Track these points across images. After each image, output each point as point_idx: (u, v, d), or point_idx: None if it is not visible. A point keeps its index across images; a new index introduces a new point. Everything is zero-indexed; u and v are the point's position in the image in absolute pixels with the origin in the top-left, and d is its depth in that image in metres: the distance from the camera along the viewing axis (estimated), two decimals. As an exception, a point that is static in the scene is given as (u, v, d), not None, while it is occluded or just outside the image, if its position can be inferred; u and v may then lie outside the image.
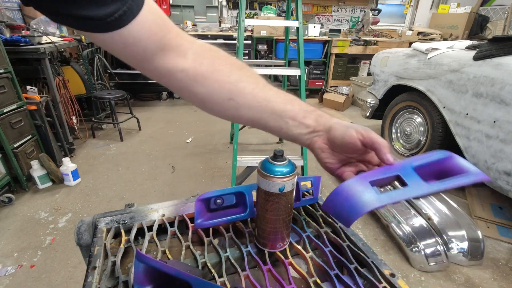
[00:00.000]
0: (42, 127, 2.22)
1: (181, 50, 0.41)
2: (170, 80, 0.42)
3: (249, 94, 0.44)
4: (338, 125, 0.44)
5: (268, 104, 0.44)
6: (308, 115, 0.45)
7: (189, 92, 0.44)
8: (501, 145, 1.63)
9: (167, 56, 0.40)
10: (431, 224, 1.62)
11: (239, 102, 0.44)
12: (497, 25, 4.55)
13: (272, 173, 0.48)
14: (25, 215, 1.88)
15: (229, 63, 0.44)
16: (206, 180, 2.32)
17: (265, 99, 0.44)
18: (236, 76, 0.44)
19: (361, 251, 0.54)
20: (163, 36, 0.38)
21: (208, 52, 0.44)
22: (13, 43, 2.11)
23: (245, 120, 0.46)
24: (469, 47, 1.99)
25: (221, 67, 0.43)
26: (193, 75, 0.42)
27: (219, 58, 0.44)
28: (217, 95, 0.43)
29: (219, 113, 0.46)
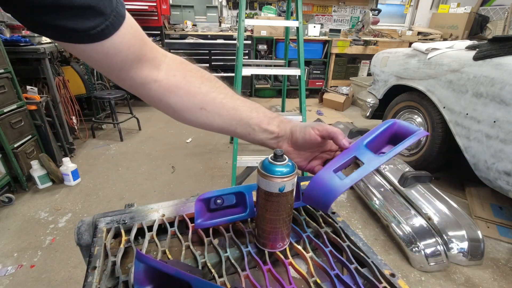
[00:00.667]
0: (42, 127, 2.22)
1: (156, 62, 0.44)
2: (144, 90, 0.45)
3: (219, 103, 0.48)
4: (297, 128, 0.50)
5: (236, 113, 0.49)
6: (272, 121, 0.51)
7: (163, 102, 0.46)
8: (501, 145, 1.63)
9: (143, 67, 0.42)
10: (431, 224, 1.62)
11: (210, 111, 0.48)
12: (497, 25, 4.56)
13: (272, 173, 0.48)
14: (25, 215, 1.88)
15: (199, 75, 0.48)
16: (206, 180, 2.32)
17: (233, 108, 0.49)
18: (207, 87, 0.47)
19: (361, 251, 0.54)
20: (140, 48, 0.41)
21: (179, 64, 0.47)
22: (13, 43, 2.11)
23: (215, 127, 0.50)
24: (469, 47, 1.99)
25: (193, 79, 0.47)
26: (166, 85, 0.45)
27: (190, 71, 0.47)
28: (189, 105, 0.47)
29: (191, 121, 0.49)
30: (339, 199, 2.10)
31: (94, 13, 0.33)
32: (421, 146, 2.34)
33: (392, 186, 1.94)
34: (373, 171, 1.95)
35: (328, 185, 0.47)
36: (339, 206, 2.04)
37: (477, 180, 1.87)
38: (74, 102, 2.76)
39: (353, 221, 1.89)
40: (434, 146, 2.16)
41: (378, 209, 1.82)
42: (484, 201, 2.00)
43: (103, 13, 0.33)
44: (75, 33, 0.33)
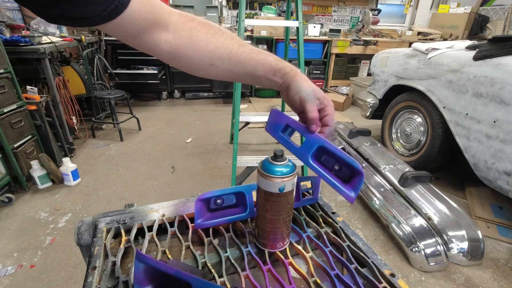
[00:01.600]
0: (42, 127, 2.22)
1: (164, 23, 0.45)
2: (157, 52, 0.47)
3: (226, 59, 0.50)
4: (294, 86, 0.53)
5: (243, 66, 0.51)
6: (277, 73, 0.53)
7: (175, 61, 0.49)
8: (501, 145, 1.62)
9: (154, 30, 0.44)
10: (431, 224, 1.62)
11: (219, 66, 0.50)
12: (497, 25, 4.55)
13: (272, 173, 0.48)
14: (25, 215, 1.88)
15: (204, 31, 0.49)
16: (206, 180, 2.32)
17: (240, 62, 0.51)
18: (213, 44, 0.49)
19: (361, 251, 0.54)
20: (149, 13, 0.42)
21: (185, 23, 0.48)
22: (13, 43, 2.11)
23: (226, 78, 0.54)
24: (469, 47, 1.99)
25: (199, 38, 0.48)
26: (175, 46, 0.47)
27: (195, 29, 0.48)
28: (199, 62, 0.49)
29: (204, 75, 0.53)
30: (340, 199, 2.10)
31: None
32: (421, 146, 2.34)
33: (392, 186, 1.94)
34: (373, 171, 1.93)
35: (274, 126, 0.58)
36: (339, 206, 2.04)
37: (477, 180, 1.87)
38: (74, 102, 2.76)
39: (353, 221, 1.89)
40: (434, 146, 2.16)
41: (378, 209, 1.82)
42: (484, 201, 2.00)
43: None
44: (88, 19, 0.36)
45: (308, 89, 0.52)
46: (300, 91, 0.52)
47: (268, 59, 0.52)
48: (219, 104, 4.33)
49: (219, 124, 3.47)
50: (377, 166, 2.11)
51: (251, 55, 0.51)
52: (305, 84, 0.52)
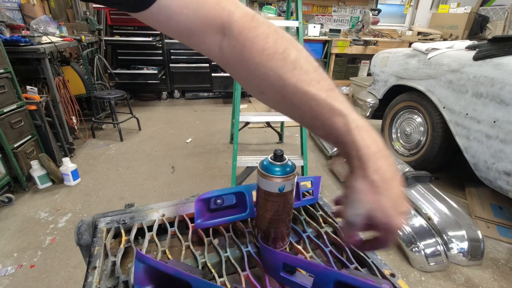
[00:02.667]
0: (42, 127, 2.22)
1: (217, 24, 0.37)
2: (211, 56, 0.40)
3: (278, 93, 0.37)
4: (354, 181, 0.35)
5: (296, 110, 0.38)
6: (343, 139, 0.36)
7: (228, 71, 0.42)
8: (501, 145, 1.62)
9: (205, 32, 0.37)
10: (431, 224, 1.62)
11: (270, 98, 0.39)
12: (497, 25, 4.56)
13: (272, 173, 0.48)
14: (25, 215, 1.88)
15: (261, 46, 0.36)
16: (206, 180, 2.32)
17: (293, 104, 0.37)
18: (264, 69, 0.37)
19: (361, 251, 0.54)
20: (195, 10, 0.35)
21: (243, 30, 0.37)
22: (13, 43, 2.11)
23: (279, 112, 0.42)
24: (469, 47, 1.99)
25: (250, 55, 0.37)
26: (227, 57, 0.39)
27: (252, 41, 0.37)
28: (248, 85, 0.41)
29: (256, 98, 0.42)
30: (339, 199, 2.10)
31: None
32: (421, 146, 2.34)
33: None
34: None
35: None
36: (339, 206, 2.04)
37: (477, 180, 1.87)
38: (74, 102, 2.76)
39: (353, 221, 1.89)
40: (434, 146, 2.16)
41: (378, 209, 1.82)
42: (484, 201, 2.00)
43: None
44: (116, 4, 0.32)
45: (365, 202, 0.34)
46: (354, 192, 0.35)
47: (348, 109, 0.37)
48: (219, 104, 4.33)
49: (219, 124, 3.47)
50: (377, 166, 2.11)
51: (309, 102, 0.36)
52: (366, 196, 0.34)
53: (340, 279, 0.40)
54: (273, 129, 3.09)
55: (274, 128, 3.09)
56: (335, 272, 0.41)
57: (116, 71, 3.78)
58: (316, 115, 0.36)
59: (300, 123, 0.41)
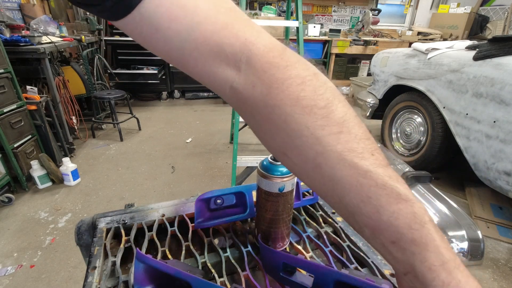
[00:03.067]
0: (42, 127, 2.22)
1: (233, 56, 0.27)
2: (220, 92, 0.30)
3: (311, 160, 0.27)
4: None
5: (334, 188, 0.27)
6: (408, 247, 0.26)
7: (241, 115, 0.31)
8: (501, 145, 1.62)
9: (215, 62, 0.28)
10: (431, 224, 1.61)
11: (296, 163, 0.29)
12: (497, 25, 4.56)
13: (272, 173, 0.48)
14: (25, 215, 1.88)
15: (296, 94, 0.27)
16: (206, 180, 2.32)
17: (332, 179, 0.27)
18: (297, 125, 0.27)
19: (361, 251, 0.54)
20: (192, 28, 0.26)
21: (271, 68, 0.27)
22: (13, 43, 2.11)
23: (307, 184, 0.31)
24: (469, 47, 1.99)
25: (281, 102, 0.27)
26: (242, 96, 0.29)
27: (282, 84, 0.27)
28: (269, 140, 0.30)
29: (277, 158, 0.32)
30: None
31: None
32: (421, 146, 2.34)
33: None
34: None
35: None
36: (339, 206, 2.04)
37: (477, 180, 1.87)
38: (74, 102, 2.76)
39: (353, 221, 1.89)
40: (434, 146, 2.16)
41: (378, 209, 1.82)
42: (484, 201, 2.00)
43: None
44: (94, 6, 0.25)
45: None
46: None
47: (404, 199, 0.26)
48: (219, 104, 4.33)
49: (219, 124, 3.47)
50: (377, 166, 2.11)
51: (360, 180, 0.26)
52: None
53: (340, 279, 0.40)
54: (273, 129, 3.09)
55: (274, 128, 3.08)
56: (335, 272, 0.41)
57: (116, 71, 3.78)
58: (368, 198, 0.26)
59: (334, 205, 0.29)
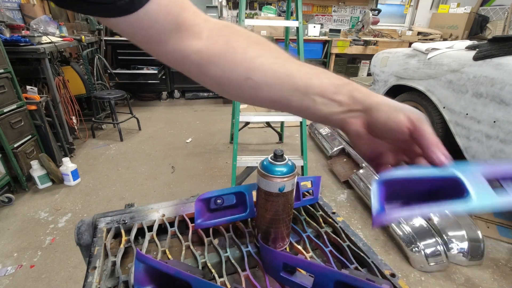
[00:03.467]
0: (42, 127, 2.22)
1: (196, 30, 0.37)
2: (184, 63, 0.38)
3: (268, 70, 0.38)
4: (382, 106, 0.35)
5: (289, 80, 0.38)
6: (340, 89, 0.37)
7: (204, 75, 0.39)
8: (501, 145, 1.62)
9: (182, 37, 0.36)
10: (431, 224, 1.62)
11: (258, 81, 0.38)
12: (497, 25, 4.56)
13: (272, 173, 0.48)
14: (25, 215, 1.88)
15: (245, 37, 0.39)
16: (206, 180, 2.32)
17: (287, 74, 0.38)
18: (253, 52, 0.38)
19: (361, 251, 0.54)
20: (178, 15, 0.35)
21: (223, 28, 0.39)
22: (13, 43, 2.11)
23: (265, 101, 0.40)
24: (469, 47, 1.99)
25: (237, 43, 0.38)
26: (207, 55, 0.37)
27: (234, 34, 0.39)
28: (233, 75, 0.38)
29: (237, 95, 0.41)
30: (339, 199, 2.10)
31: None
32: (421, 146, 2.34)
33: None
34: (373, 171, 1.92)
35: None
36: (339, 206, 2.04)
37: (477, 180, 1.86)
38: (74, 102, 2.76)
39: (353, 221, 1.89)
40: (434, 146, 2.16)
41: (378, 209, 1.82)
42: (484, 201, 2.00)
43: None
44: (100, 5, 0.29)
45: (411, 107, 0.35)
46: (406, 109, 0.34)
47: (326, 73, 0.39)
48: (219, 104, 4.33)
49: (219, 124, 3.48)
50: (377, 166, 2.11)
51: (301, 67, 0.38)
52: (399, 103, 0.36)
53: (340, 279, 0.40)
54: (273, 129, 3.09)
55: (274, 128, 3.09)
56: (335, 272, 0.41)
57: (116, 71, 3.78)
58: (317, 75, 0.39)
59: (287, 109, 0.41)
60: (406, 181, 0.34)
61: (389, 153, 0.38)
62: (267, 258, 0.49)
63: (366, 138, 0.37)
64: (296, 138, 3.14)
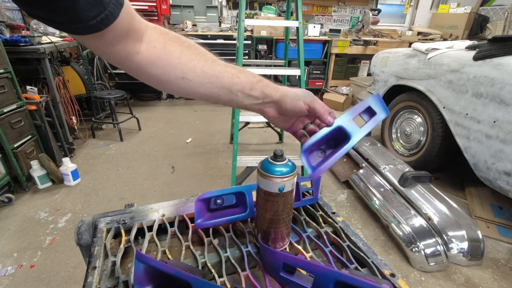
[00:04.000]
0: (42, 127, 2.22)
1: (140, 34, 0.43)
2: (127, 62, 0.44)
3: (199, 72, 0.47)
4: (286, 98, 0.49)
5: (217, 80, 0.48)
6: (255, 86, 0.49)
7: (145, 73, 0.46)
8: (501, 145, 1.62)
9: (128, 40, 0.42)
10: (431, 224, 1.62)
11: (192, 80, 0.47)
12: (497, 25, 4.55)
13: (272, 173, 0.48)
14: (25, 215, 1.88)
15: (179, 43, 0.47)
16: (206, 180, 2.32)
17: (214, 75, 0.48)
18: (187, 56, 0.47)
19: (361, 251, 0.54)
20: (129, 23, 0.40)
21: (160, 35, 0.46)
22: (13, 43, 2.11)
23: (198, 96, 0.50)
24: (469, 47, 1.99)
25: (172, 48, 0.46)
26: (147, 57, 0.44)
27: (170, 40, 0.47)
28: (171, 75, 0.46)
29: (174, 91, 0.49)
30: (339, 199, 2.10)
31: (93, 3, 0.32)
32: (421, 146, 2.34)
33: (392, 186, 1.94)
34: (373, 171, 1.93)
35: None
36: (339, 206, 2.04)
37: (477, 180, 1.87)
38: (74, 102, 2.76)
39: (353, 221, 1.89)
40: (434, 146, 2.16)
41: (378, 209, 1.82)
42: (484, 201, 2.00)
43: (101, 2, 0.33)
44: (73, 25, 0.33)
45: (305, 91, 0.51)
46: (303, 97, 0.49)
47: (244, 72, 0.50)
48: (219, 104, 4.32)
49: (219, 124, 3.47)
50: (377, 166, 2.11)
51: (225, 69, 0.49)
52: (297, 89, 0.51)
53: (340, 279, 0.40)
54: (273, 129, 3.09)
55: (274, 128, 3.08)
56: (335, 272, 0.41)
57: (116, 71, 3.78)
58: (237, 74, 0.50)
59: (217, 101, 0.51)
60: (317, 142, 0.52)
61: (298, 123, 0.54)
62: (267, 258, 0.49)
63: (280, 119, 0.53)
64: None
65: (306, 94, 0.50)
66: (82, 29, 0.34)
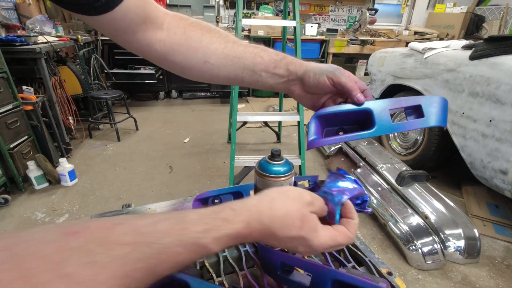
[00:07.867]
0: (38, 127, 2.20)
1: (159, 21, 0.44)
2: (150, 51, 0.45)
3: (221, 54, 0.47)
4: (310, 73, 0.47)
5: (239, 61, 0.47)
6: (279, 64, 0.47)
7: (168, 60, 0.47)
8: (497, 144, 1.64)
9: (147, 28, 0.43)
10: (428, 223, 1.62)
11: (214, 63, 0.47)
12: (492, 25, 4.59)
13: (269, 172, 0.48)
14: (21, 216, 1.86)
15: (199, 27, 0.47)
16: (203, 180, 2.32)
17: (236, 56, 0.47)
18: (207, 39, 0.46)
19: (358, 250, 0.54)
20: (144, 9, 0.41)
21: (180, 21, 0.47)
22: (9, 42, 2.09)
23: (222, 79, 0.49)
24: (465, 47, 2.00)
25: (193, 33, 0.46)
26: (169, 44, 0.45)
27: (190, 25, 0.47)
28: (193, 60, 0.46)
29: (198, 76, 0.49)
30: (337, 198, 2.10)
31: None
32: (418, 145, 2.35)
33: (389, 185, 1.95)
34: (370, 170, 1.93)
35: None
36: (337, 205, 2.04)
37: (473, 178, 1.88)
38: (70, 102, 2.74)
39: (351, 220, 1.90)
40: (430, 145, 2.17)
41: (376, 208, 1.83)
42: (480, 200, 2.01)
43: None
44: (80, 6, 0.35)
45: (332, 66, 0.46)
46: (327, 71, 0.45)
47: (267, 50, 0.48)
48: (216, 104, 4.32)
49: (217, 124, 3.47)
50: (375, 165, 2.12)
51: (247, 49, 0.48)
52: (323, 64, 0.47)
53: (338, 278, 0.40)
54: (271, 129, 3.09)
55: (271, 128, 3.09)
56: (332, 271, 0.41)
57: (113, 71, 3.76)
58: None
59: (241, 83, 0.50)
60: (335, 115, 0.47)
61: (329, 102, 0.49)
62: (265, 257, 0.49)
63: (305, 97, 0.49)
64: (294, 138, 3.14)
65: (331, 68, 0.46)
66: (88, 9, 0.35)
